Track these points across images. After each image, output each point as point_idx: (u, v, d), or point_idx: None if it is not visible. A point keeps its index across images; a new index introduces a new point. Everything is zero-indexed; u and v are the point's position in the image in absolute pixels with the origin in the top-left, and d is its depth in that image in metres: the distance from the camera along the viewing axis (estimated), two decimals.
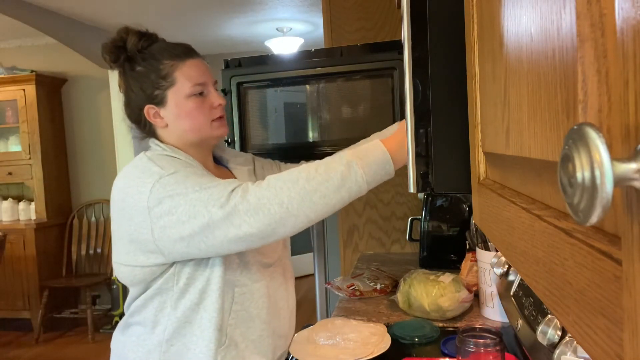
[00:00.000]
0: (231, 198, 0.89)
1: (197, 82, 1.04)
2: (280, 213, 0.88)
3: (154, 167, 0.96)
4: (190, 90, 1.04)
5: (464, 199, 1.85)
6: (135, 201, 0.95)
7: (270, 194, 0.88)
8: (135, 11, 3.62)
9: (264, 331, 1.09)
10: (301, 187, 0.89)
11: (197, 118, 1.05)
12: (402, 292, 1.40)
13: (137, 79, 1.05)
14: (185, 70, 1.04)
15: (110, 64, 1.08)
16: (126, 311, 1.09)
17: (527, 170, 0.39)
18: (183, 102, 1.04)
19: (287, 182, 0.89)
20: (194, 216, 0.90)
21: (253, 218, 0.87)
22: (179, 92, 1.04)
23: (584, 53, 0.24)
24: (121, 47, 1.06)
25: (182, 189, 0.92)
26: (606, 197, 0.18)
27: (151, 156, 1.01)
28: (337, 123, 1.40)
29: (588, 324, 0.24)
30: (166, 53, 1.05)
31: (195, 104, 1.04)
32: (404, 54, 0.78)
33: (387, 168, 0.94)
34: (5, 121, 4.33)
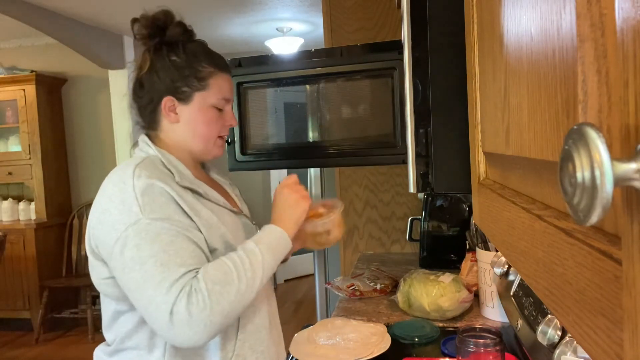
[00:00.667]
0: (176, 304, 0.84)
1: (224, 97, 1.06)
2: (221, 322, 0.87)
3: (133, 207, 0.89)
4: (216, 101, 1.04)
5: (464, 199, 1.85)
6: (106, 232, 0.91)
7: (212, 302, 0.85)
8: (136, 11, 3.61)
9: (269, 340, 1.07)
10: (237, 288, 0.88)
11: (209, 128, 1.05)
12: (402, 292, 1.40)
13: (168, 68, 1.02)
14: (220, 82, 1.05)
15: (139, 37, 1.05)
16: (107, 335, 1.03)
17: (527, 170, 0.39)
18: (205, 109, 1.04)
19: (225, 285, 0.87)
20: (140, 291, 0.87)
21: (193, 331, 0.85)
22: (206, 99, 1.03)
23: (584, 53, 0.24)
24: (161, 28, 1.04)
25: (146, 254, 0.87)
26: (606, 197, 0.18)
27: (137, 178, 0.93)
28: (337, 123, 1.40)
29: (588, 324, 0.24)
30: (208, 57, 1.05)
31: (214, 115, 1.05)
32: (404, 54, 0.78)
33: (286, 244, 0.99)
34: (5, 121, 4.33)
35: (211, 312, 0.85)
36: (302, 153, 1.43)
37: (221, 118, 1.06)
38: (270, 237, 0.97)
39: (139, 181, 0.91)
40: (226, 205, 1.05)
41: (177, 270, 0.87)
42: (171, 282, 0.86)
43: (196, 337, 0.85)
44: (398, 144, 1.32)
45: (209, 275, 0.87)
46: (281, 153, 1.46)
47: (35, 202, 4.22)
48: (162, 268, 0.86)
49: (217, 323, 0.86)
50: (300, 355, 1.15)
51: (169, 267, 0.86)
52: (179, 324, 0.84)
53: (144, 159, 0.98)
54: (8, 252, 3.95)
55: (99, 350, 1.06)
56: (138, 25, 1.05)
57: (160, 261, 0.87)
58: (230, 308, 0.87)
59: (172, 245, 0.88)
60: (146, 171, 0.93)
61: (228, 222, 1.02)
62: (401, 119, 1.31)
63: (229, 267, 0.89)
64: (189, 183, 0.99)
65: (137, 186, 0.91)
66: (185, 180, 0.99)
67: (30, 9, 3.31)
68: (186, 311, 0.84)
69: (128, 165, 0.96)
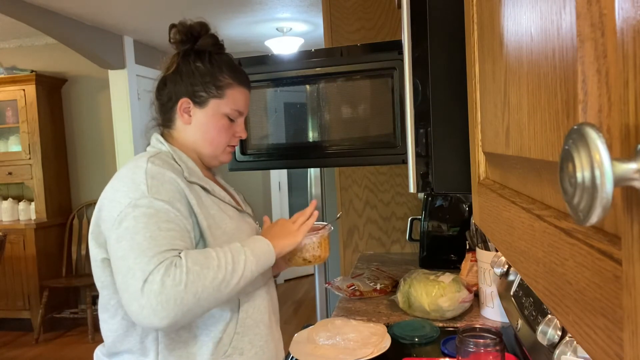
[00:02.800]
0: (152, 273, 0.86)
1: (238, 109, 1.11)
2: (190, 305, 0.87)
3: (141, 185, 0.94)
4: (229, 111, 1.10)
5: (464, 199, 1.85)
6: (112, 207, 0.95)
7: (188, 280, 0.86)
8: (136, 11, 3.62)
9: (268, 336, 1.09)
10: (214, 275, 0.90)
11: (219, 135, 1.10)
12: (402, 292, 1.40)
13: (192, 72, 1.08)
14: (236, 94, 1.10)
15: (173, 41, 1.11)
16: (104, 337, 1.05)
17: (527, 170, 0.39)
18: (217, 116, 1.09)
19: (203, 268, 0.89)
20: (124, 260, 0.89)
21: (162, 306, 0.85)
22: (220, 107, 1.09)
23: (584, 53, 0.24)
24: (194, 37, 1.10)
25: (141, 225, 0.90)
26: (606, 197, 0.18)
27: (151, 163, 0.98)
28: (337, 123, 1.40)
29: (588, 324, 0.24)
30: (231, 70, 1.11)
31: (225, 125, 1.10)
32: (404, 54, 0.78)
33: (269, 258, 1.02)
34: (5, 121, 4.33)
35: (185, 289, 0.85)
36: (302, 153, 1.43)
37: (232, 128, 1.11)
38: (257, 244, 1.00)
39: (152, 166, 0.97)
40: (231, 203, 1.10)
41: (164, 245, 0.89)
42: (155, 253, 0.88)
43: (161, 314, 0.84)
44: (398, 144, 1.32)
45: (191, 255, 0.90)
46: (281, 153, 1.46)
47: (35, 202, 4.22)
48: (150, 241, 0.89)
49: (187, 304, 0.86)
50: (300, 355, 1.15)
51: (157, 241, 0.89)
52: (148, 294, 0.84)
53: (157, 153, 1.03)
54: (8, 252, 3.95)
55: (99, 350, 1.08)
56: (174, 31, 1.11)
57: (151, 235, 0.89)
58: (203, 293, 0.88)
59: (167, 224, 0.92)
60: (159, 161, 0.99)
61: (233, 217, 1.07)
62: (401, 119, 1.31)
63: (212, 255, 0.92)
64: (197, 179, 1.03)
65: (149, 170, 0.96)
66: (194, 176, 1.03)
67: (30, 9, 3.31)
68: (160, 282, 0.85)
69: (142, 156, 1.01)
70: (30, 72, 4.17)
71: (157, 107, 1.13)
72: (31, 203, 4.28)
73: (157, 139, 1.09)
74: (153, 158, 0.99)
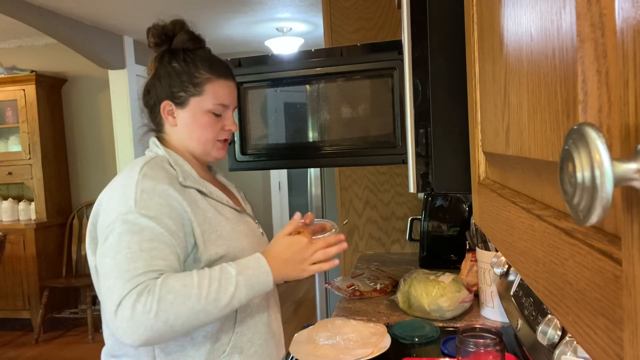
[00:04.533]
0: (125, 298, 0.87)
1: (220, 102, 1.09)
2: (163, 331, 0.87)
3: (130, 199, 0.94)
4: (212, 107, 1.08)
5: (464, 199, 1.85)
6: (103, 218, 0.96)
7: (158, 309, 0.86)
8: (136, 11, 3.62)
9: (267, 334, 1.10)
10: (191, 305, 0.88)
11: (205, 133, 1.08)
12: (402, 292, 1.40)
13: (169, 74, 1.08)
14: (216, 88, 1.08)
15: (150, 45, 1.11)
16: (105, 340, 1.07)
17: (527, 170, 0.39)
18: (200, 114, 1.08)
19: (178, 297, 0.88)
20: (106, 278, 0.90)
21: (132, 330, 0.86)
22: (201, 104, 1.07)
23: (584, 53, 0.24)
24: (169, 37, 1.09)
25: (124, 244, 0.90)
26: (606, 197, 0.18)
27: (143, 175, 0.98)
28: (337, 123, 1.40)
29: (588, 324, 0.24)
30: (207, 64, 1.09)
31: (210, 120, 1.08)
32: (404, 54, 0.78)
33: (266, 288, 0.99)
34: (5, 121, 4.32)
35: (155, 317, 0.86)
36: (302, 153, 1.43)
37: (219, 123, 1.09)
38: (254, 272, 0.97)
39: (143, 179, 0.96)
40: (229, 204, 1.09)
41: (141, 267, 0.89)
42: (132, 276, 0.88)
43: (132, 337, 0.86)
44: (398, 144, 1.32)
45: (167, 282, 0.88)
46: (281, 153, 1.46)
47: (35, 202, 4.22)
48: (131, 261, 0.89)
49: (158, 330, 0.86)
50: (300, 355, 1.15)
51: (137, 262, 0.89)
52: (121, 318, 0.86)
53: (153, 158, 1.03)
54: (8, 252, 3.95)
55: (104, 353, 1.10)
56: (150, 34, 1.10)
57: (132, 255, 0.90)
58: (177, 321, 0.87)
59: (149, 244, 0.91)
60: (152, 171, 0.99)
61: (230, 219, 1.06)
62: (401, 119, 1.31)
63: (193, 282, 0.90)
64: (192, 182, 1.03)
65: (140, 182, 0.96)
66: (189, 179, 1.03)
67: (30, 9, 3.31)
68: (131, 307, 0.86)
69: (137, 163, 1.02)
70: (30, 72, 4.17)
71: (146, 113, 1.14)
72: (31, 203, 4.28)
73: (154, 142, 1.10)
74: (147, 167, 0.99)
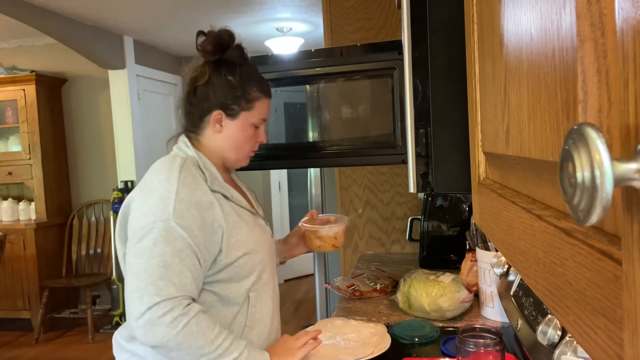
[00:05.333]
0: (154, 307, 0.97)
1: (263, 117, 1.18)
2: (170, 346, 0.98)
3: (169, 206, 1.01)
4: (256, 121, 1.17)
5: (464, 199, 1.85)
6: (138, 217, 1.03)
7: (181, 330, 0.97)
8: (136, 11, 3.62)
9: (271, 328, 1.18)
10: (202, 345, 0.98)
11: (247, 144, 1.18)
12: (402, 292, 1.40)
13: (224, 86, 1.13)
14: (262, 105, 1.17)
15: (202, 49, 1.14)
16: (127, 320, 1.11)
17: (527, 170, 0.39)
18: (246, 127, 1.16)
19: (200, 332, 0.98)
20: (136, 278, 0.99)
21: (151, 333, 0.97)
22: (249, 118, 1.15)
23: (584, 53, 0.24)
24: (224, 47, 1.13)
25: (157, 251, 0.99)
26: (606, 197, 0.18)
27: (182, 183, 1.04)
28: (337, 123, 1.40)
29: (588, 324, 0.24)
30: (258, 83, 1.17)
31: (252, 133, 1.18)
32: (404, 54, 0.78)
33: None
34: (5, 121, 4.32)
35: (175, 335, 0.96)
36: (302, 153, 1.43)
37: (256, 134, 1.19)
38: (257, 352, 1.05)
39: (182, 188, 1.04)
40: (247, 207, 1.16)
41: (175, 282, 0.99)
42: (165, 286, 0.98)
43: (148, 339, 0.97)
44: (398, 144, 1.32)
45: (200, 316, 0.99)
46: (281, 153, 1.46)
47: (35, 202, 4.22)
48: (163, 270, 0.98)
49: (168, 345, 0.97)
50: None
51: (168, 272, 0.99)
52: (146, 320, 0.97)
53: (185, 161, 1.10)
54: (8, 252, 3.95)
55: (118, 334, 1.15)
56: (204, 40, 1.13)
57: (165, 263, 0.99)
58: (182, 350, 0.98)
59: (180, 254, 1.00)
60: (189, 178, 1.06)
61: (248, 222, 1.14)
62: (401, 119, 1.31)
63: (215, 330, 1.00)
64: (219, 187, 1.10)
65: (179, 191, 1.03)
66: (216, 184, 1.10)
67: (30, 9, 3.31)
68: (160, 316, 0.96)
69: (174, 166, 1.07)
70: (30, 72, 4.17)
71: (185, 113, 1.18)
72: (31, 203, 4.28)
73: (184, 142, 1.15)
74: (184, 173, 1.06)
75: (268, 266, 1.19)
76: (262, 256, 1.16)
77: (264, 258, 1.16)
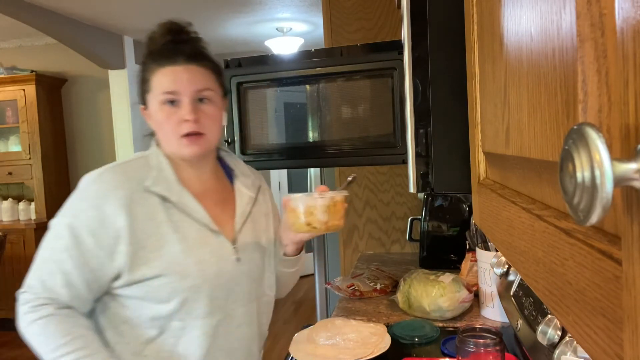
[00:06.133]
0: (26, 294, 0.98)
1: (166, 90, 0.97)
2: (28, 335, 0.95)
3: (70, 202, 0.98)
4: (161, 98, 0.98)
5: (464, 199, 1.85)
6: None
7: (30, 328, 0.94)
8: (136, 11, 3.62)
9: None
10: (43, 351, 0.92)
11: (164, 129, 0.99)
12: (402, 292, 1.40)
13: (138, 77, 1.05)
14: (159, 77, 0.99)
15: None
16: None
17: (527, 170, 0.39)
18: (157, 110, 0.99)
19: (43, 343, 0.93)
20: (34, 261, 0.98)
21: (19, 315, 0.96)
22: (154, 99, 1.00)
23: (584, 53, 0.24)
24: (151, 39, 1.05)
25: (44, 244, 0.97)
26: (606, 197, 0.18)
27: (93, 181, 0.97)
28: (337, 123, 1.40)
29: (588, 324, 0.24)
30: (150, 55, 1.02)
31: (165, 114, 0.98)
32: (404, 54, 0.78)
33: None
34: (5, 121, 4.32)
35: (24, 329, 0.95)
36: (302, 153, 1.43)
37: (175, 115, 0.98)
38: None
39: (94, 185, 0.96)
40: (200, 219, 0.99)
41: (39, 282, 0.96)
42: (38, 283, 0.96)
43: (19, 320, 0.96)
44: (398, 144, 1.32)
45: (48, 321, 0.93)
46: (281, 153, 1.46)
47: (35, 202, 4.22)
48: (40, 263, 0.97)
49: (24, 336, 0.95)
50: (300, 355, 1.15)
51: (41, 268, 0.96)
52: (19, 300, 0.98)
53: (135, 158, 1.03)
54: (8, 252, 3.95)
55: None
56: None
57: (44, 258, 0.97)
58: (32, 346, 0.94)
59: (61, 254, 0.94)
60: (110, 176, 0.97)
61: (187, 238, 0.97)
62: (401, 119, 1.31)
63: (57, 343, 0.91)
64: (162, 188, 0.97)
65: (89, 190, 0.96)
66: (161, 184, 0.97)
67: (30, 9, 3.31)
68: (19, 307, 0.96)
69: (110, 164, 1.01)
70: (30, 72, 4.17)
71: None
72: (31, 203, 4.28)
73: (154, 141, 1.07)
74: (110, 173, 0.97)
75: (215, 299, 0.98)
76: (199, 285, 0.96)
77: (200, 287, 0.96)
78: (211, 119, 1.00)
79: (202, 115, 0.99)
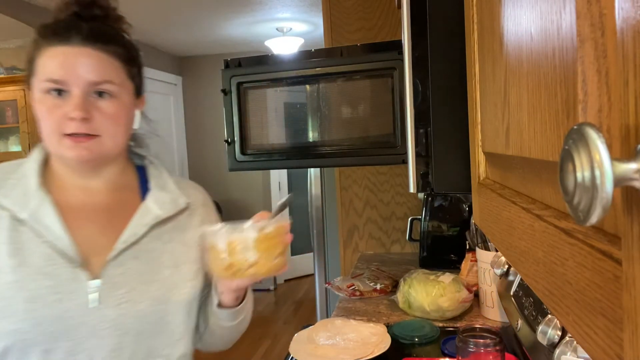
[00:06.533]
0: None
1: (49, 77, 0.76)
2: None
3: None
4: (43, 86, 0.76)
5: (464, 199, 1.85)
6: None
7: None
8: (135, 11, 3.62)
9: None
10: None
11: (44, 124, 0.77)
12: (402, 292, 1.40)
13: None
14: (45, 59, 0.77)
15: None
16: None
17: (527, 170, 0.39)
18: (39, 99, 0.77)
19: None
20: None
21: None
22: (37, 86, 0.78)
23: (584, 53, 0.24)
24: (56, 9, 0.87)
25: None
26: (606, 197, 0.18)
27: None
28: (337, 123, 1.40)
29: (588, 324, 0.24)
30: (43, 30, 0.81)
31: (46, 107, 0.76)
32: (404, 54, 0.78)
33: None
34: (5, 121, 4.32)
35: None
36: (302, 153, 1.43)
37: (58, 109, 0.76)
38: None
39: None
40: (53, 242, 0.75)
41: None
42: None
43: None
44: (398, 144, 1.32)
45: None
46: (281, 153, 1.46)
47: None
48: None
49: None
50: (300, 355, 1.15)
51: None
52: None
53: (5, 164, 0.84)
54: None
55: None
56: None
57: None
58: None
59: None
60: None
61: (28, 265, 0.73)
62: (401, 119, 1.31)
63: None
64: (11, 202, 0.76)
65: None
66: (12, 196, 0.77)
67: (30, 9, 3.31)
68: None
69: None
70: None
71: None
72: None
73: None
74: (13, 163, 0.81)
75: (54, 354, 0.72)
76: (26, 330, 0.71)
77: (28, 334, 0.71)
78: (111, 119, 0.78)
79: (97, 113, 0.77)
